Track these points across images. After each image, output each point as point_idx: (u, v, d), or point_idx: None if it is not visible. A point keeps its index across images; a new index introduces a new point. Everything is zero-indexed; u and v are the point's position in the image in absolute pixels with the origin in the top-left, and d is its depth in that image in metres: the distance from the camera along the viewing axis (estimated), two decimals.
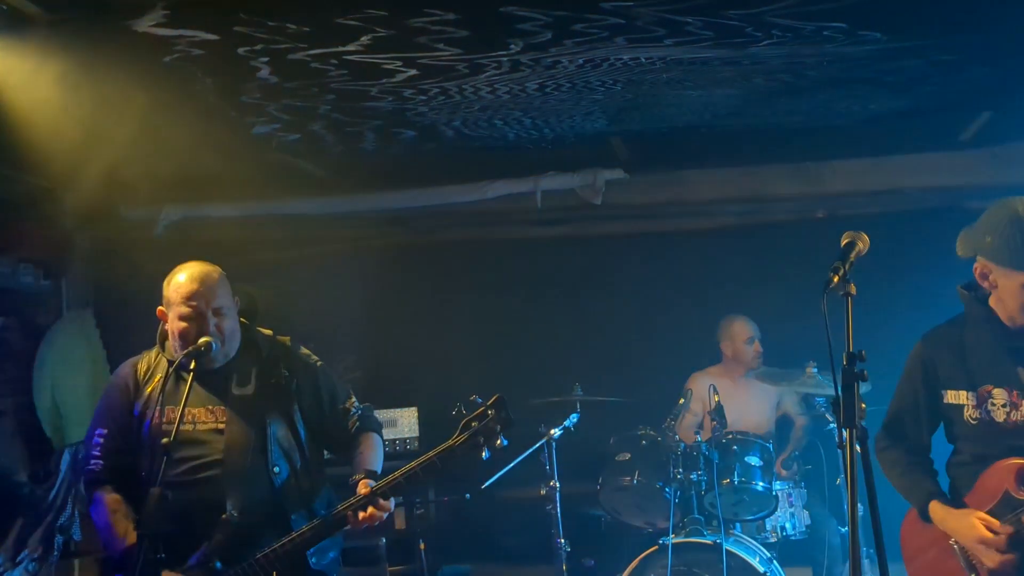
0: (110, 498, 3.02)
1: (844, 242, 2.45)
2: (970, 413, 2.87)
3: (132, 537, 2.91)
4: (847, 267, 2.34)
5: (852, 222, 2.67)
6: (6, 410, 5.20)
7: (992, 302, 2.88)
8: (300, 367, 3.19)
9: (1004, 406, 2.80)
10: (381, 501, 2.90)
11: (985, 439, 2.85)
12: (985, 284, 2.85)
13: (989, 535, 2.75)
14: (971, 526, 2.79)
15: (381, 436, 3.31)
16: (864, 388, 2.21)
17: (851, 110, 4.68)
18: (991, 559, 2.74)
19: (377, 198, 5.75)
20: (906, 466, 3.04)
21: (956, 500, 2.95)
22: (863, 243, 2.45)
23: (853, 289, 2.29)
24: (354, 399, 3.28)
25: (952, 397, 2.92)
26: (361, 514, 2.89)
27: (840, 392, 2.19)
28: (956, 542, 2.88)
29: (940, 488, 3.00)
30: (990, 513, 2.79)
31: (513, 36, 3.38)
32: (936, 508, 2.92)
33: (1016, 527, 2.72)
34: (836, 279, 2.31)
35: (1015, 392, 2.79)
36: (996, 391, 2.82)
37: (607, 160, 5.52)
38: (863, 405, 2.18)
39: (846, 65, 3.90)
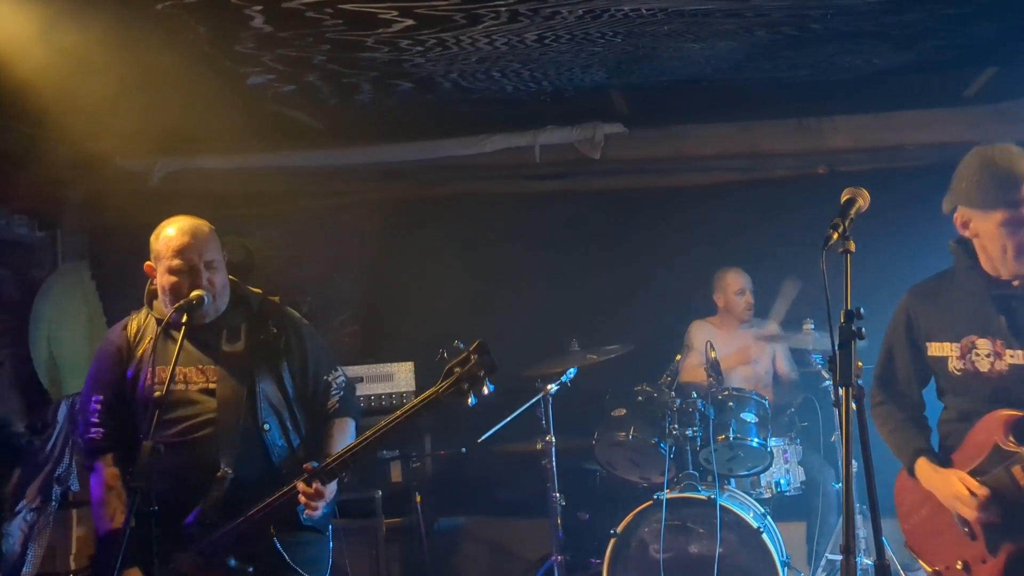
0: (109, 472, 3.01)
1: (844, 198, 2.41)
2: (954, 365, 2.84)
3: (118, 521, 2.91)
4: (847, 224, 2.30)
5: (853, 178, 2.64)
6: (3, 361, 5.21)
7: (978, 255, 2.83)
8: (289, 325, 3.17)
9: (988, 356, 2.76)
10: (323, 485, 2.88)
11: (969, 391, 2.82)
12: (967, 233, 2.82)
13: (965, 492, 2.72)
14: (949, 483, 2.78)
15: (357, 422, 3.27)
16: (861, 346, 2.19)
17: (854, 65, 4.60)
18: (969, 514, 2.72)
19: (374, 151, 5.69)
20: (897, 423, 3.02)
21: (945, 457, 2.92)
22: (864, 200, 2.41)
23: (852, 246, 2.26)
24: (339, 371, 3.25)
25: (936, 349, 2.89)
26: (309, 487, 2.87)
27: (837, 350, 2.17)
28: None
29: (930, 445, 2.96)
30: (980, 467, 2.76)
31: None
32: (922, 465, 2.90)
33: (994, 488, 2.69)
34: (835, 236, 2.27)
35: (998, 342, 2.76)
36: (980, 341, 2.79)
37: (607, 114, 5.46)
38: (860, 363, 2.17)
39: (851, 18, 3.83)
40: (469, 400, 2.87)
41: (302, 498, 2.86)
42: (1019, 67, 4.64)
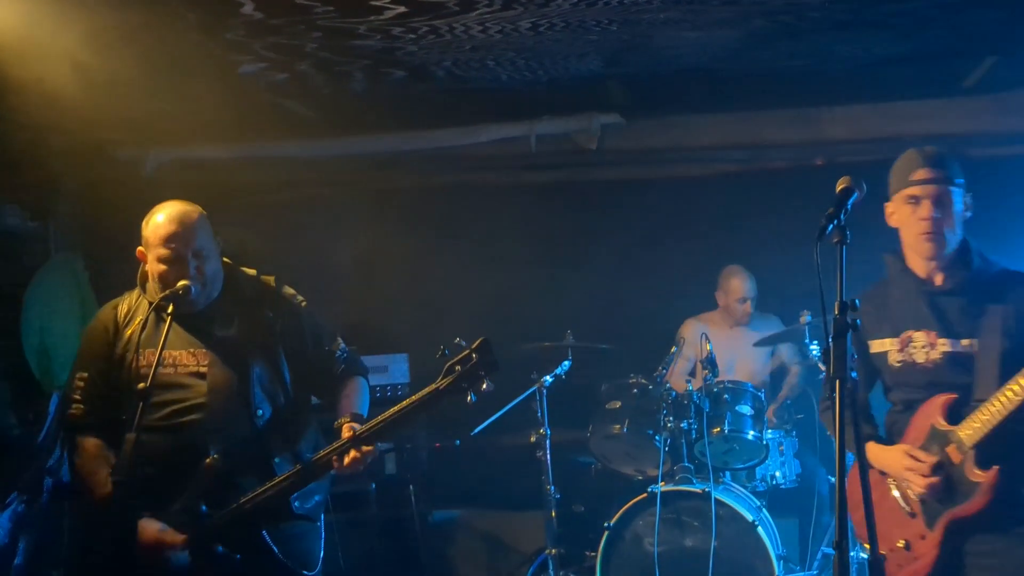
0: (91, 443, 2.98)
1: (840, 188, 2.39)
2: (894, 357, 3.00)
3: (109, 486, 2.87)
4: (842, 214, 2.28)
5: (851, 169, 2.61)
6: None
7: (907, 260, 3.04)
8: (284, 308, 3.12)
9: (924, 347, 2.94)
10: (364, 447, 2.86)
11: (908, 381, 3.00)
12: (893, 223, 3.03)
13: (914, 462, 2.88)
14: (899, 456, 2.93)
15: (367, 380, 3.26)
16: None
17: (853, 54, 4.56)
18: (918, 484, 2.85)
19: (367, 141, 5.64)
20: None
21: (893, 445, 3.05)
22: (859, 189, 2.40)
23: (848, 236, 2.24)
24: (340, 341, 3.22)
25: (878, 346, 3.05)
26: (346, 458, 2.84)
27: (831, 341, 2.14)
28: (894, 482, 2.98)
29: (877, 433, 3.14)
30: (921, 448, 2.91)
31: None
32: (872, 448, 3.04)
33: (940, 456, 2.84)
34: (830, 226, 2.25)
35: (932, 333, 2.93)
36: (916, 334, 2.96)
37: (603, 104, 5.41)
38: (855, 355, 2.14)
39: (850, 6, 3.79)
40: (468, 398, 2.88)
41: (355, 454, 2.82)
42: (1019, 57, 4.60)
